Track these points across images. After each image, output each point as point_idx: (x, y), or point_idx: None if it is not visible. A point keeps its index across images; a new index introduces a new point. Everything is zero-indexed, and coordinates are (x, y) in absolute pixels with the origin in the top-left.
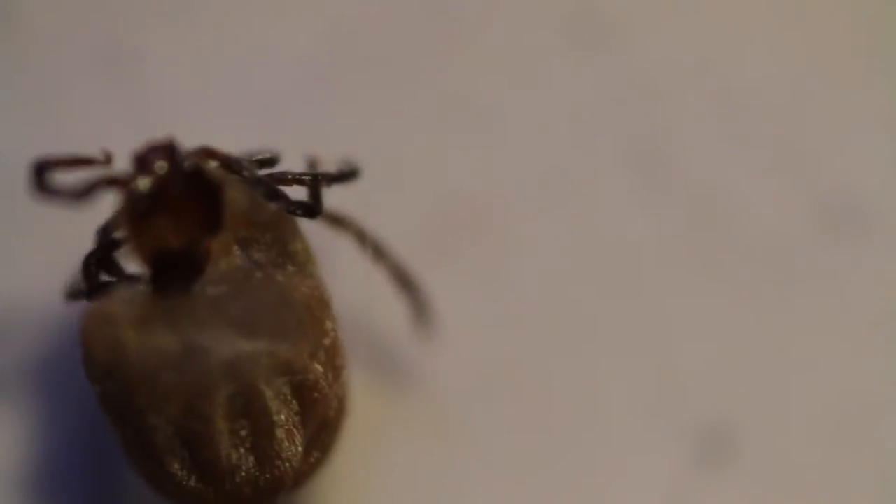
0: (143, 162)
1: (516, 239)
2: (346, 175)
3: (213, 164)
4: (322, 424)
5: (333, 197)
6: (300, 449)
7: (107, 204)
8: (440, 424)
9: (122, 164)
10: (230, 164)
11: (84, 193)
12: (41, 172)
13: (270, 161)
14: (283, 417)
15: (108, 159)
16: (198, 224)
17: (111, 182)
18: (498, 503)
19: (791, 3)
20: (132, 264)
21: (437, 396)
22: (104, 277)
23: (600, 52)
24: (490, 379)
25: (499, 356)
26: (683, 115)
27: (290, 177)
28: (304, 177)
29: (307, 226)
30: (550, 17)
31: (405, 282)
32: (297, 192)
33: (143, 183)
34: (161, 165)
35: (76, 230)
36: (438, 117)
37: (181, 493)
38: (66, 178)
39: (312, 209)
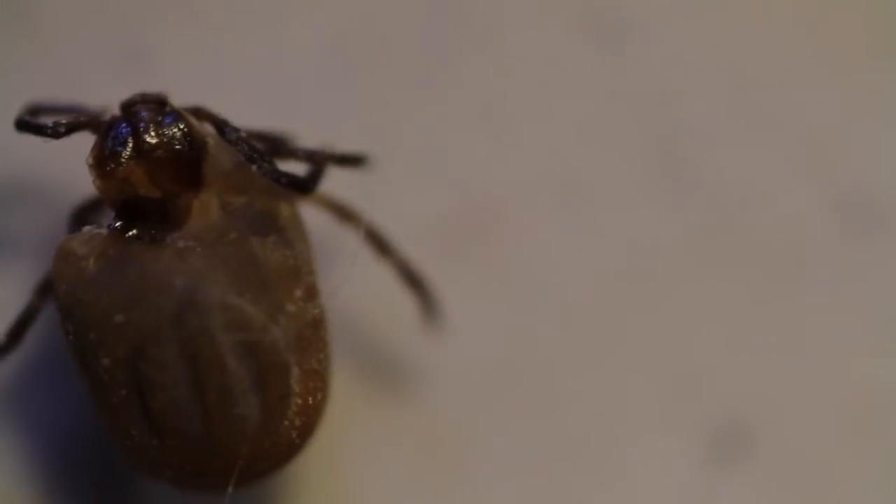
0: (129, 110)
1: (530, 237)
2: (349, 160)
3: (204, 125)
4: (282, 394)
5: (344, 192)
6: (256, 414)
7: None
8: (448, 424)
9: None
10: (219, 125)
11: (62, 130)
12: (30, 112)
13: (280, 140)
14: (236, 375)
15: (105, 112)
16: (176, 179)
17: (93, 124)
18: (508, 499)
19: (809, 1)
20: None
21: (445, 396)
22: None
23: (617, 50)
24: (500, 375)
25: (510, 352)
26: (699, 114)
27: (286, 149)
28: (299, 151)
29: (314, 218)
30: (567, 15)
31: (412, 278)
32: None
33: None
34: (144, 120)
35: None
36: (452, 115)
37: (135, 445)
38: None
39: (302, 184)
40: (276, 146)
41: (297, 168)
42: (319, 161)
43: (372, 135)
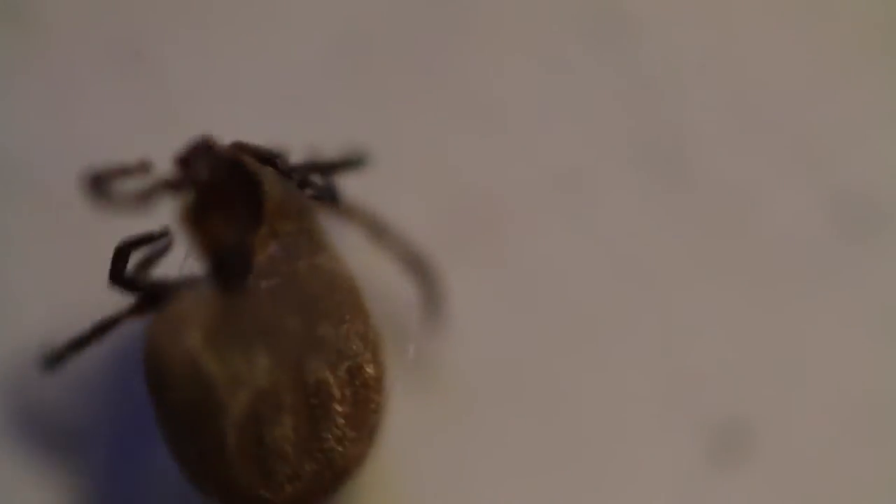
0: (185, 164)
1: (530, 238)
2: (357, 162)
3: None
4: (373, 408)
5: (346, 191)
6: (358, 435)
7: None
8: (450, 418)
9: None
10: (263, 156)
11: (143, 199)
12: (96, 184)
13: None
14: (343, 404)
15: (146, 167)
16: (245, 218)
17: (166, 186)
18: (508, 499)
19: (809, 2)
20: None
21: (448, 391)
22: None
23: (617, 50)
24: (503, 374)
25: (512, 352)
26: (699, 114)
27: (316, 165)
28: (327, 165)
29: None
30: (566, 13)
31: (417, 267)
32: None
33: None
34: (202, 169)
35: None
36: (453, 114)
37: (247, 497)
38: (119, 187)
39: (335, 195)
40: (306, 164)
41: None
42: (336, 171)
43: (372, 135)
